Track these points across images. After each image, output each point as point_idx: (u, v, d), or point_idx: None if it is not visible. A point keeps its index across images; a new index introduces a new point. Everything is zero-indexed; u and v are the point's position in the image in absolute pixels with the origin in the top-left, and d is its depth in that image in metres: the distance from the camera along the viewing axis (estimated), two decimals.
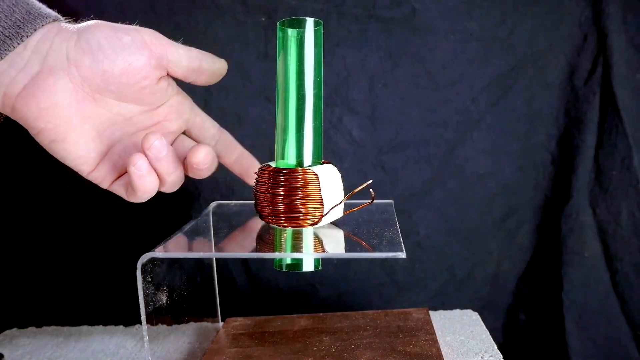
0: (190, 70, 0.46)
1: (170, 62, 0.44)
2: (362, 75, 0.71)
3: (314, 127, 0.47)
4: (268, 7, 0.68)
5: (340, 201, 0.48)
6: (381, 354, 0.49)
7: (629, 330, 0.74)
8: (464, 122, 0.72)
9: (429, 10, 0.69)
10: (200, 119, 0.50)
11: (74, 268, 0.75)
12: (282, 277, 0.75)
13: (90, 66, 0.40)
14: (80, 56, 0.40)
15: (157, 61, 0.43)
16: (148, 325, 0.43)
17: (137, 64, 0.41)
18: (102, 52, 0.41)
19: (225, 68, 0.49)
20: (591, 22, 0.70)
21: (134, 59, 0.41)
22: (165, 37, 0.44)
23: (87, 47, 0.40)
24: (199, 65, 0.46)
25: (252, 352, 0.51)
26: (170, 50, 0.44)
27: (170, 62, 0.44)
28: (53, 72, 0.40)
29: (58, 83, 0.40)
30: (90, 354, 0.58)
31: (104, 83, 0.41)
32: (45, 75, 0.40)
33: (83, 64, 0.40)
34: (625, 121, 0.70)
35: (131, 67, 0.41)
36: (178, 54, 0.44)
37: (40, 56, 0.40)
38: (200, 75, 0.47)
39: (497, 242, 0.76)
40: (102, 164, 0.44)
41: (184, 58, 0.44)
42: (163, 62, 0.43)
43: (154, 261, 0.44)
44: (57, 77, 0.40)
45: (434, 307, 0.66)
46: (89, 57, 0.40)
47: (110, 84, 0.41)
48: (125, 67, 0.41)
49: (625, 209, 0.72)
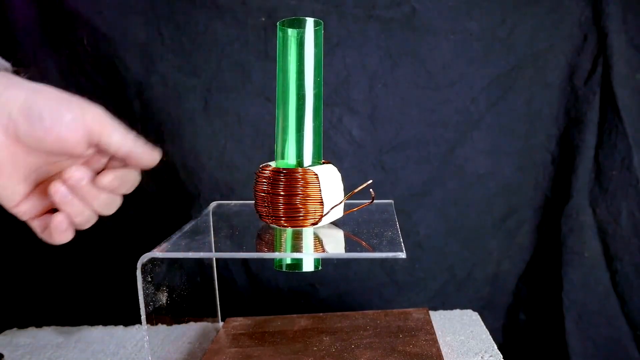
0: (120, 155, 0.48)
1: (101, 144, 0.46)
2: (362, 75, 0.71)
3: (314, 127, 0.47)
4: (268, 7, 0.68)
5: (340, 201, 0.48)
6: (381, 354, 0.49)
7: (629, 330, 0.74)
8: (464, 122, 0.72)
9: (429, 10, 0.69)
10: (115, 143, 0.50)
11: (74, 268, 0.75)
12: (282, 277, 0.75)
13: (26, 131, 0.43)
14: (20, 119, 0.42)
15: (90, 140, 0.45)
16: (148, 325, 0.43)
17: (70, 140, 0.44)
18: (41, 122, 0.43)
19: (155, 161, 0.49)
20: (591, 22, 0.70)
21: (68, 136, 0.44)
22: (109, 118, 0.46)
23: (29, 114, 0.43)
24: (128, 153, 0.47)
25: (252, 352, 0.51)
26: (105, 134, 0.46)
27: (101, 144, 0.46)
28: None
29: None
30: (90, 354, 0.58)
31: (37, 145, 0.44)
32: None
33: (20, 126, 0.42)
34: (625, 121, 0.70)
35: (64, 142, 0.44)
36: (110, 140, 0.46)
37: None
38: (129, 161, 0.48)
39: (497, 242, 0.76)
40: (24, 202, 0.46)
41: (114, 144, 0.46)
42: (94, 142, 0.46)
43: (154, 261, 0.44)
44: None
45: (434, 307, 0.66)
46: (28, 123, 0.43)
47: (42, 148, 0.44)
48: (57, 140, 0.43)
49: (625, 209, 0.72)
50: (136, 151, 0.48)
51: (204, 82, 0.70)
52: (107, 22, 0.67)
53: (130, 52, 0.68)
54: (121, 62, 0.65)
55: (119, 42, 0.68)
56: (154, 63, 0.69)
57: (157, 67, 0.69)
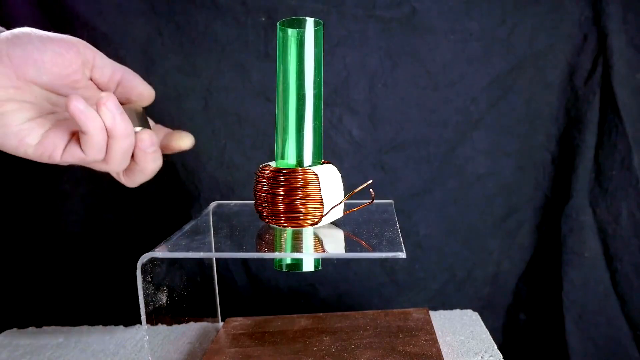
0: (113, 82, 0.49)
1: (95, 67, 0.47)
2: (362, 75, 0.71)
3: (314, 127, 0.47)
4: (268, 7, 0.68)
5: (340, 201, 0.48)
6: (381, 354, 0.49)
7: (629, 330, 0.74)
8: (464, 122, 0.72)
9: (429, 10, 0.69)
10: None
11: (74, 268, 0.75)
12: (282, 277, 0.75)
13: (22, 55, 0.43)
14: (11, 48, 0.43)
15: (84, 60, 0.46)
16: (148, 325, 0.43)
17: (65, 56, 0.45)
18: (32, 44, 0.44)
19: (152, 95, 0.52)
20: (591, 22, 0.70)
21: (62, 51, 0.45)
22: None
23: (18, 41, 0.44)
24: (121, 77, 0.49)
25: (252, 352, 0.51)
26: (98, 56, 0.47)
27: (95, 67, 0.47)
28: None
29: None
30: (90, 354, 0.58)
31: (37, 72, 0.44)
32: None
33: (14, 53, 0.43)
34: (625, 121, 0.70)
35: (60, 58, 0.45)
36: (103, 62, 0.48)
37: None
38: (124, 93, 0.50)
39: (497, 242, 0.76)
40: (48, 132, 0.45)
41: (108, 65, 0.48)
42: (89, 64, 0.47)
43: (154, 261, 0.44)
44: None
45: (434, 307, 0.66)
46: (20, 48, 0.44)
47: (43, 74, 0.44)
48: (54, 57, 0.44)
49: (625, 209, 0.72)
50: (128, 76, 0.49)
51: (204, 82, 0.70)
52: (107, 22, 0.67)
53: (130, 52, 0.68)
54: (121, 62, 0.64)
55: (119, 42, 0.68)
56: (154, 63, 0.69)
57: (157, 67, 0.69)
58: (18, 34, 0.44)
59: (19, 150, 0.45)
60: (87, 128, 0.43)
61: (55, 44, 0.45)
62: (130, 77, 0.50)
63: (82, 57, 0.46)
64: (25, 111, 0.44)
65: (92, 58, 0.47)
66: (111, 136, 0.45)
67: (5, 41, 0.44)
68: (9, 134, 0.44)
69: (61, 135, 0.46)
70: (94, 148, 0.45)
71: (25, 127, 0.44)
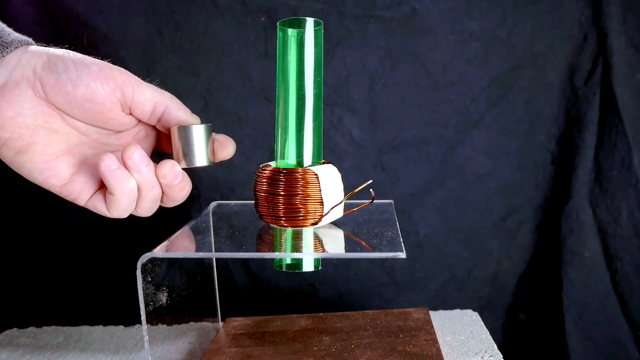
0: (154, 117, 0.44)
1: (135, 104, 0.43)
2: (362, 75, 0.71)
3: (314, 127, 0.47)
4: (268, 7, 0.68)
5: (340, 201, 0.48)
6: (381, 354, 0.49)
7: (629, 330, 0.74)
8: (464, 122, 0.72)
9: (429, 10, 0.69)
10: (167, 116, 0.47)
11: (74, 268, 0.75)
12: (282, 277, 0.75)
13: (54, 85, 0.41)
14: (46, 74, 0.41)
15: (122, 95, 0.42)
16: (148, 325, 0.43)
17: (100, 92, 0.41)
18: (67, 74, 0.41)
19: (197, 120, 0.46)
20: (591, 22, 0.70)
21: (97, 86, 0.41)
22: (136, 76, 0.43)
23: (54, 67, 0.41)
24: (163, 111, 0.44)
25: (252, 352, 0.51)
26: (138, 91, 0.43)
27: (135, 104, 0.43)
28: (18, 85, 0.41)
29: (23, 94, 0.41)
30: (90, 354, 0.58)
31: (67, 104, 0.41)
32: (11, 87, 0.40)
33: (47, 81, 0.41)
34: (625, 121, 0.70)
35: (94, 94, 0.41)
36: (144, 97, 0.43)
37: (7, 70, 0.41)
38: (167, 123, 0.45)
39: (497, 242, 0.76)
40: (76, 176, 0.43)
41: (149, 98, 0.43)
42: (127, 102, 0.43)
43: (154, 261, 0.44)
44: (22, 89, 0.41)
45: (434, 307, 0.66)
46: (54, 76, 0.41)
47: (74, 107, 0.42)
48: (87, 93, 0.41)
49: (625, 209, 0.72)
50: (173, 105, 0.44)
51: (203, 82, 0.70)
52: (107, 22, 0.67)
53: (130, 52, 0.68)
54: (121, 62, 0.65)
55: (119, 42, 0.68)
56: (154, 63, 0.69)
57: (157, 67, 0.69)
58: (54, 59, 0.41)
59: (44, 185, 0.43)
60: (115, 191, 0.41)
61: (91, 76, 0.41)
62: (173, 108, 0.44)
63: (120, 94, 0.42)
64: (53, 145, 0.42)
65: (130, 95, 0.42)
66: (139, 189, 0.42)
67: (41, 65, 0.41)
68: (34, 171, 0.42)
69: (89, 183, 0.43)
70: (119, 209, 0.43)
71: (52, 166, 0.42)
